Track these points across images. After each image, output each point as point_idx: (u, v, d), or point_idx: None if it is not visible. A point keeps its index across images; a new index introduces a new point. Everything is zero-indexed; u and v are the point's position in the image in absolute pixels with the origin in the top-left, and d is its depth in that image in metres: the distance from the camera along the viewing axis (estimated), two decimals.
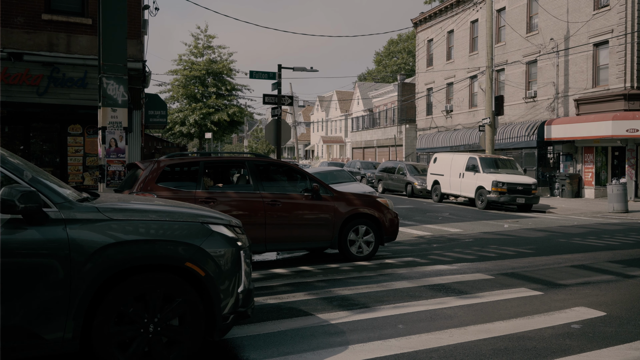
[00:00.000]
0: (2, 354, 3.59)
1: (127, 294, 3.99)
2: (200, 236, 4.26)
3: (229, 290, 4.33)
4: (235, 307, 4.40)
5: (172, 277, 4.14)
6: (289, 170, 9.72)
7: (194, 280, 4.22)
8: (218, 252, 4.29)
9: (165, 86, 39.19)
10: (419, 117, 41.33)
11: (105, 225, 3.94)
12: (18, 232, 3.65)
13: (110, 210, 4.05)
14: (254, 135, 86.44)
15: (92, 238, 3.85)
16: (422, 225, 15.12)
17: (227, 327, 4.40)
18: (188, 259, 4.14)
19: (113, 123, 9.57)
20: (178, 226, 4.23)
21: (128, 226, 4.03)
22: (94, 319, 3.88)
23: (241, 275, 4.47)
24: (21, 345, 3.66)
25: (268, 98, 19.06)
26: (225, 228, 4.50)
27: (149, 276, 4.09)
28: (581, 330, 5.38)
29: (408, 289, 7.22)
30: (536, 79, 29.00)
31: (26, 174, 3.84)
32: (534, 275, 8.16)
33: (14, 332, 3.62)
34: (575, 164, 26.50)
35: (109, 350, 3.91)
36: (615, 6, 23.88)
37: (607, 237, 12.65)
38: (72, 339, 3.78)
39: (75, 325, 3.77)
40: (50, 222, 3.75)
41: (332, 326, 5.46)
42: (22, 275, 3.65)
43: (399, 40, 73.79)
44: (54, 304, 3.71)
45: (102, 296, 3.93)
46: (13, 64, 12.94)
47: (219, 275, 4.26)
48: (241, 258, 4.49)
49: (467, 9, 34.04)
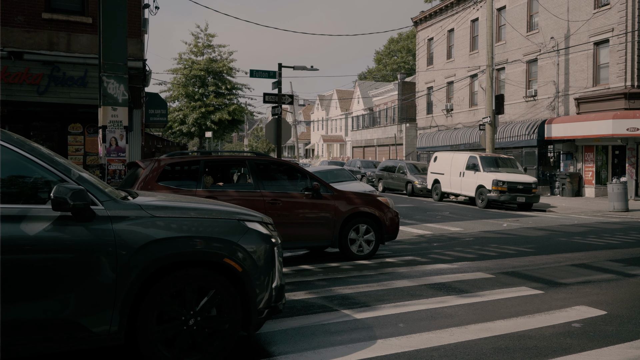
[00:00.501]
0: (53, 346, 3.74)
1: (169, 289, 4.11)
2: (238, 233, 4.39)
3: (264, 285, 4.45)
4: (269, 302, 4.52)
5: (211, 273, 4.26)
6: (289, 169, 9.71)
7: (232, 275, 4.34)
8: (254, 248, 4.43)
9: (165, 85, 39.21)
10: (419, 116, 41.32)
11: (149, 222, 4.06)
12: (68, 229, 3.78)
13: (152, 208, 4.17)
14: (254, 134, 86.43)
15: (136, 235, 3.97)
16: (422, 224, 15.12)
17: (262, 321, 4.53)
18: (226, 255, 4.27)
19: (113, 122, 9.56)
20: (217, 223, 4.36)
21: (170, 223, 4.15)
22: (138, 312, 4.01)
23: (275, 271, 4.60)
24: (70, 338, 3.79)
25: (268, 97, 19.07)
26: (260, 225, 4.64)
27: (189, 272, 4.20)
28: (582, 329, 5.38)
29: (409, 287, 7.22)
30: (536, 77, 28.98)
31: (74, 173, 3.97)
32: (534, 274, 8.15)
33: (63, 325, 3.75)
34: (576, 162, 26.49)
35: (153, 341, 4.04)
36: (616, 5, 23.86)
37: (608, 236, 12.64)
38: (118, 332, 3.91)
39: (120, 319, 3.90)
40: (97, 219, 3.88)
41: (333, 325, 5.45)
42: (71, 270, 3.78)
43: (399, 39, 73.73)
44: (101, 298, 3.84)
45: (146, 291, 4.04)
46: (13, 62, 12.93)
47: (255, 271, 4.39)
48: (275, 254, 4.62)
49: (468, 7, 34.01)
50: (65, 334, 3.77)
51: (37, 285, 3.68)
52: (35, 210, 3.74)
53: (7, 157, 3.77)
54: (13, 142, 3.83)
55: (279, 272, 4.66)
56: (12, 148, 3.80)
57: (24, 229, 3.65)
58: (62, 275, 3.75)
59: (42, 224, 3.71)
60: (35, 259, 3.67)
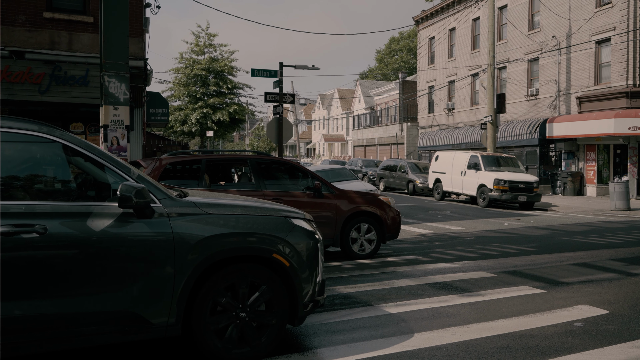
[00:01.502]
0: (115, 337, 3.94)
1: (222, 284, 4.28)
2: (285, 230, 4.55)
3: (309, 280, 4.60)
4: (313, 296, 4.67)
5: (261, 268, 4.42)
6: (291, 168, 9.70)
7: (280, 270, 4.50)
8: (300, 244, 4.59)
9: (166, 84, 39.21)
10: (421, 115, 41.29)
11: (203, 218, 4.23)
12: (130, 225, 3.98)
13: (206, 205, 4.33)
14: (255, 134, 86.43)
15: (193, 231, 4.14)
16: (423, 223, 15.11)
17: (306, 314, 4.67)
18: (275, 250, 4.44)
19: (115, 121, 9.55)
20: (265, 220, 4.52)
21: (223, 220, 4.31)
22: (194, 305, 4.17)
23: (319, 266, 4.75)
24: (131, 329, 3.98)
25: (270, 96, 19.06)
26: (304, 222, 4.80)
27: (240, 266, 4.37)
28: (584, 329, 5.37)
29: (410, 287, 7.21)
30: (538, 76, 28.94)
31: (133, 172, 4.16)
32: (536, 274, 8.14)
33: (124, 317, 3.94)
34: (577, 161, 26.46)
35: (208, 334, 4.20)
36: (618, 4, 23.81)
37: (610, 235, 12.63)
38: (175, 324, 4.09)
39: (178, 312, 4.08)
40: (156, 216, 4.07)
41: (334, 324, 5.45)
42: (134, 264, 3.98)
43: (401, 38, 73.66)
44: (160, 291, 4.03)
45: (201, 284, 4.22)
46: (15, 62, 12.94)
47: (301, 266, 4.55)
48: (319, 250, 4.77)
49: (469, 6, 33.97)
50: (127, 326, 3.95)
51: (103, 278, 3.89)
52: (101, 207, 3.95)
53: (77, 158, 4.06)
54: (83, 146, 4.06)
55: (321, 268, 4.82)
56: (82, 151, 4.03)
57: (91, 225, 3.86)
58: (125, 268, 3.96)
59: (107, 220, 3.93)
60: (102, 253, 3.88)
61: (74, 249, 3.79)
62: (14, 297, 3.64)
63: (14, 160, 3.87)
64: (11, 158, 3.85)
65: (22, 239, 3.65)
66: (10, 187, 3.82)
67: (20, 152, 3.92)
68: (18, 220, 3.67)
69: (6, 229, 3.62)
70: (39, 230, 3.69)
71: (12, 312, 3.63)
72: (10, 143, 3.85)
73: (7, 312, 3.60)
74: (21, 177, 3.92)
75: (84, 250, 3.82)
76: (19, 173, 3.91)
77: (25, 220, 3.69)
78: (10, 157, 3.85)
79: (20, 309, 3.66)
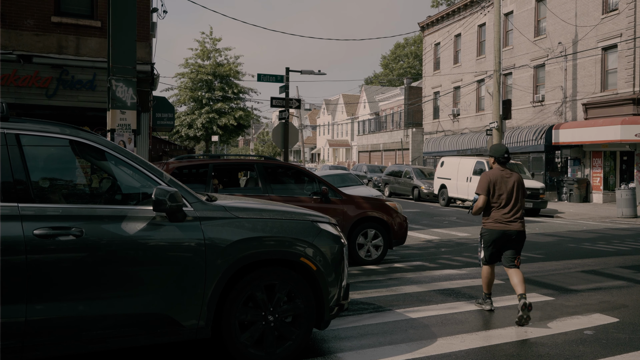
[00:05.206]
0: (146, 339, 3.96)
1: (251, 287, 4.30)
2: (312, 234, 4.57)
3: (335, 283, 4.62)
4: (338, 300, 4.69)
5: (289, 271, 4.45)
6: (297, 173, 9.68)
7: (307, 274, 4.52)
8: (327, 248, 4.61)
9: (172, 90, 39.29)
10: (426, 121, 41.25)
11: (233, 222, 4.26)
12: (163, 228, 4.02)
13: (235, 209, 4.37)
14: (260, 138, 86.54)
15: (223, 234, 4.18)
16: (429, 229, 15.06)
17: (331, 318, 4.68)
18: (303, 254, 4.47)
19: (122, 125, 9.56)
20: (293, 224, 4.55)
21: (252, 224, 4.35)
22: (224, 308, 4.20)
23: (345, 271, 4.77)
24: (163, 331, 4.00)
25: (276, 101, 19.05)
26: (330, 226, 4.81)
27: (269, 270, 4.40)
28: (594, 337, 5.32)
29: (418, 293, 7.17)
30: (544, 83, 28.88)
31: (165, 176, 4.22)
32: (544, 281, 8.09)
33: (157, 319, 3.96)
34: (583, 168, 26.35)
35: (237, 340, 4.23)
36: (624, 10, 23.76)
37: (617, 242, 12.55)
38: (205, 326, 4.12)
39: (208, 315, 4.11)
40: (188, 220, 4.10)
41: (342, 330, 5.41)
42: (167, 267, 4.02)
43: (406, 44, 73.72)
44: (191, 294, 4.05)
45: (230, 287, 4.24)
46: (22, 66, 12.98)
47: (328, 270, 4.56)
48: (344, 254, 4.78)
49: (475, 12, 33.96)
50: (159, 328, 3.98)
51: (136, 280, 3.94)
52: (135, 210, 4.01)
53: (114, 163, 4.13)
54: (119, 151, 4.12)
55: (347, 272, 4.83)
56: (118, 156, 4.10)
57: (125, 228, 3.92)
58: (158, 271, 4.00)
59: (141, 224, 3.97)
60: (136, 256, 3.93)
61: (109, 252, 3.84)
62: (52, 299, 3.67)
63: (48, 163, 3.94)
64: (45, 161, 3.91)
65: (60, 241, 3.70)
66: (45, 190, 3.87)
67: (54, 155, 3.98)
68: (55, 222, 3.71)
69: (44, 231, 3.65)
70: (75, 233, 3.74)
71: (54, 314, 3.67)
72: (43, 147, 3.91)
73: (46, 313, 3.64)
74: (56, 180, 3.99)
75: (118, 253, 3.87)
76: (53, 175, 3.98)
77: (62, 223, 3.73)
78: (44, 160, 3.90)
79: (59, 311, 3.68)
